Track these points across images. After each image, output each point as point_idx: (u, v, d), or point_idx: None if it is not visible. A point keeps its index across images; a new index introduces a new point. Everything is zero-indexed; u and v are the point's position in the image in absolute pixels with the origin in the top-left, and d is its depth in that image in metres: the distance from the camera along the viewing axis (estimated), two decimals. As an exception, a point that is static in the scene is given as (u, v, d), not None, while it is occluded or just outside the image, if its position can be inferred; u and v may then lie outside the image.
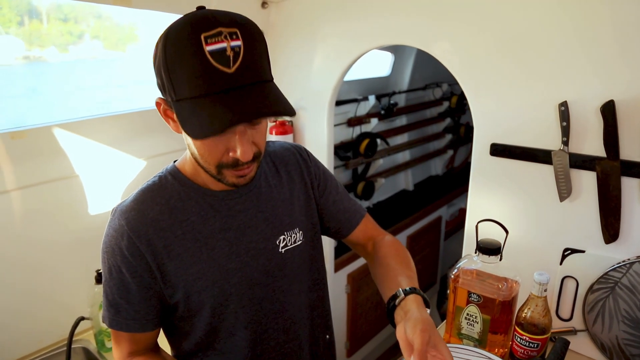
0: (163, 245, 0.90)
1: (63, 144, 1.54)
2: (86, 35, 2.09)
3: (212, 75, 0.73)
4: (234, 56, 0.74)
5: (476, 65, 1.39)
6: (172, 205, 0.92)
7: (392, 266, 1.05)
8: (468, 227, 1.55)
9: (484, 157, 1.44)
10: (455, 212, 3.55)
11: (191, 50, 0.73)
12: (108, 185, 1.68)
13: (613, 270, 1.21)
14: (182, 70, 0.74)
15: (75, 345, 1.56)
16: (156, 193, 0.93)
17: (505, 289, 1.14)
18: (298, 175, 1.09)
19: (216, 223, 0.95)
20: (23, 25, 1.77)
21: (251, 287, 0.98)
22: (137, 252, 0.89)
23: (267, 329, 1.03)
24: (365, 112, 2.87)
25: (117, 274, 0.91)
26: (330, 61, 1.83)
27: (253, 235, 0.98)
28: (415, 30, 1.52)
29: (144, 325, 0.94)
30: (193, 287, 0.93)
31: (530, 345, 1.13)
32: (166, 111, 0.85)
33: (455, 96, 3.57)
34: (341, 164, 2.73)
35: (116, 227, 0.90)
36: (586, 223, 1.28)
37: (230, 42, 0.73)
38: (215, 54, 0.73)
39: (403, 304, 0.91)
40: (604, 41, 1.16)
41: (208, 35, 0.73)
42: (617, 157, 1.18)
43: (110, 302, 0.93)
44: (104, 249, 0.92)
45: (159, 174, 0.98)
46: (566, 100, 1.22)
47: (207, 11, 0.77)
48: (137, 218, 0.90)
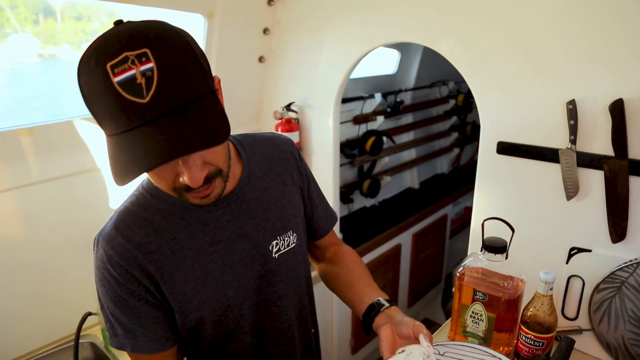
0: (155, 268, 0.86)
1: (72, 140, 1.55)
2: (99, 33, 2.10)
3: (126, 109, 0.65)
4: (147, 82, 0.65)
5: (483, 63, 1.39)
6: (156, 226, 0.87)
7: (361, 274, 1.11)
8: (474, 225, 1.54)
9: (491, 156, 1.43)
10: (461, 211, 3.54)
11: (101, 85, 0.65)
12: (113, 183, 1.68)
13: (620, 270, 1.21)
14: (98, 107, 0.68)
15: (83, 340, 1.58)
16: (137, 215, 0.88)
17: (511, 288, 1.13)
18: (289, 175, 1.06)
19: (205, 237, 0.91)
20: (38, 24, 1.79)
21: (249, 295, 0.97)
22: (133, 279, 0.85)
23: (266, 331, 1.03)
24: (371, 110, 2.86)
25: (120, 302, 0.87)
26: (336, 59, 1.83)
27: (245, 244, 0.95)
28: (422, 27, 1.52)
29: (165, 344, 0.92)
30: (190, 305, 0.90)
31: (535, 343, 1.13)
32: None
33: (462, 94, 3.56)
34: (347, 161, 2.73)
35: (104, 259, 0.85)
36: (593, 222, 1.27)
37: (139, 67, 0.65)
38: (124, 84, 0.64)
39: (387, 311, 0.96)
40: (613, 39, 1.15)
41: (113, 64, 0.65)
42: (625, 156, 1.17)
43: (126, 329, 0.89)
44: (99, 282, 0.88)
45: (135, 192, 0.92)
46: (574, 98, 1.22)
47: (114, 31, 0.68)
48: (123, 245, 0.85)
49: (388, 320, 0.94)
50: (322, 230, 1.18)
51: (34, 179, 1.47)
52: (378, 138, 2.77)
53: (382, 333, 0.92)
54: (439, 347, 1.08)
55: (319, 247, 1.21)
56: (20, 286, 1.48)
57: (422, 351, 0.84)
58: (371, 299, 1.00)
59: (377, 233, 2.60)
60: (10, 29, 1.68)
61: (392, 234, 2.69)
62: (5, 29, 1.66)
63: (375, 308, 0.98)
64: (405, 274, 2.95)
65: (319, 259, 1.23)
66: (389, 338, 0.91)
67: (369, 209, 3.02)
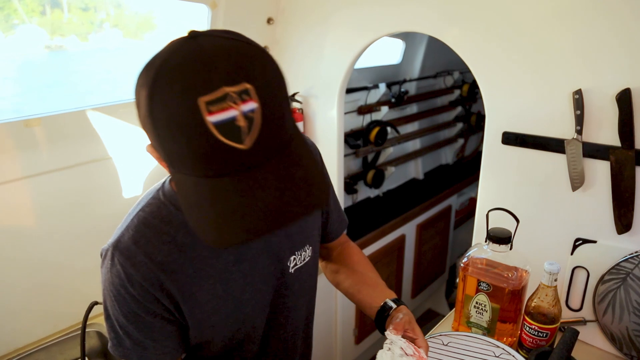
0: (176, 288, 0.81)
1: (74, 130, 1.55)
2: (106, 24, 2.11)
3: (220, 154, 0.55)
4: (248, 125, 0.55)
5: (489, 52, 1.38)
6: (179, 242, 0.80)
7: (368, 276, 1.11)
8: (478, 215, 1.54)
9: (496, 146, 1.42)
10: (465, 202, 3.54)
11: (188, 120, 0.54)
12: (126, 172, 1.69)
13: (625, 261, 1.21)
14: (178, 145, 0.57)
15: (90, 329, 1.59)
16: (159, 229, 0.80)
17: (515, 278, 1.13)
18: None
19: (230, 256, 0.86)
20: (45, 15, 1.79)
21: (263, 310, 0.96)
22: (152, 299, 0.80)
23: (271, 338, 1.03)
24: (375, 100, 2.85)
25: (135, 318, 0.81)
26: (340, 48, 1.81)
27: (266, 261, 0.92)
28: (426, 17, 1.51)
29: (174, 355, 0.88)
30: (207, 322, 0.87)
31: (539, 334, 1.13)
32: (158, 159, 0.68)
33: (467, 84, 3.53)
34: (351, 152, 2.72)
35: (121, 275, 0.78)
36: (598, 213, 1.27)
37: (241, 107, 0.55)
38: (221, 126, 0.54)
39: (394, 314, 0.97)
40: (621, 28, 1.14)
41: (210, 101, 0.54)
42: (632, 146, 1.17)
43: (135, 342, 0.83)
44: (111, 296, 0.81)
45: (153, 201, 0.83)
46: (581, 88, 1.21)
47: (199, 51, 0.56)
48: (146, 264, 0.78)
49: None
50: (334, 234, 1.17)
51: (43, 168, 1.48)
52: (382, 128, 2.77)
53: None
54: (442, 337, 1.08)
55: (327, 248, 1.21)
56: (27, 275, 1.49)
57: (385, 344, 0.88)
58: (379, 302, 1.01)
59: (381, 224, 2.60)
60: (18, 19, 1.68)
61: (396, 224, 2.69)
62: (13, 19, 1.67)
63: (384, 311, 0.99)
64: (409, 265, 2.95)
65: (324, 257, 1.23)
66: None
67: (373, 199, 3.02)
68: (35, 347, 1.52)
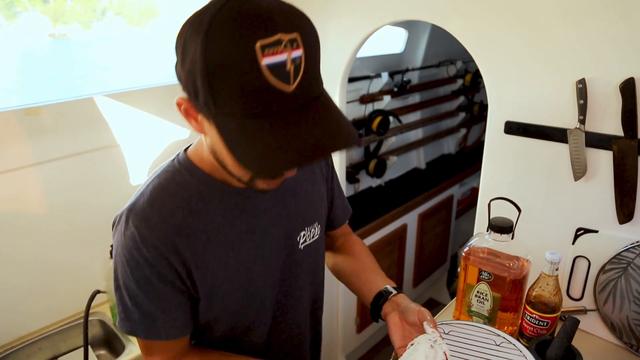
0: (190, 253, 0.81)
1: (76, 119, 1.55)
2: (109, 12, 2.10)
3: (268, 95, 0.61)
4: (295, 70, 0.62)
5: (492, 41, 1.37)
6: (193, 207, 0.82)
7: (368, 264, 1.11)
8: (480, 205, 1.54)
9: (498, 135, 1.42)
10: (467, 191, 3.53)
11: (242, 62, 0.59)
12: (130, 160, 1.69)
13: (626, 251, 1.21)
14: (228, 85, 0.61)
15: (92, 317, 1.60)
16: (174, 193, 0.82)
17: (516, 268, 1.14)
18: (318, 166, 1.05)
19: (242, 224, 0.87)
20: (48, 3, 1.78)
21: (272, 287, 0.96)
22: (165, 262, 0.80)
23: (280, 323, 1.03)
24: (378, 90, 2.84)
25: (146, 285, 0.81)
26: (342, 37, 1.80)
27: (276, 234, 0.93)
28: (430, 5, 1.49)
29: (183, 330, 0.87)
30: (218, 292, 0.87)
31: (540, 323, 1.14)
32: (188, 110, 0.71)
33: (470, 74, 3.51)
34: (353, 141, 2.71)
35: (135, 238, 0.79)
36: (600, 203, 1.27)
37: (291, 53, 0.61)
38: (273, 68, 0.60)
39: (394, 299, 0.96)
40: (625, 17, 1.13)
41: (266, 45, 0.59)
42: (635, 136, 1.16)
43: (145, 313, 0.83)
44: (123, 261, 0.81)
45: (170, 168, 0.86)
46: (584, 77, 1.20)
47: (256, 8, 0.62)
48: (161, 226, 0.79)
49: (395, 307, 0.94)
50: (338, 221, 1.18)
51: (50, 156, 1.49)
52: (384, 118, 2.76)
53: (390, 321, 0.93)
54: (443, 326, 1.09)
55: (330, 237, 1.22)
56: (30, 264, 1.50)
57: (427, 338, 0.84)
58: (378, 287, 1.00)
59: (383, 213, 2.60)
60: (21, 7, 1.67)
61: (398, 214, 2.69)
62: (16, 7, 1.66)
63: (382, 296, 0.98)
64: (410, 254, 2.96)
65: (327, 247, 1.23)
66: (398, 326, 0.91)
67: (375, 189, 3.02)
68: (39, 335, 1.53)
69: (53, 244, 1.54)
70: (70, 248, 1.58)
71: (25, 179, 1.45)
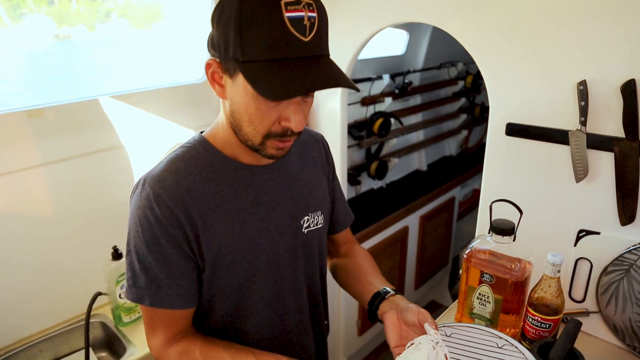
0: (198, 215, 0.88)
1: (81, 120, 1.56)
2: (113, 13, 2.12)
3: (289, 41, 0.74)
4: (310, 26, 0.75)
5: (493, 43, 1.37)
6: (205, 176, 0.91)
7: (368, 268, 1.13)
8: (482, 207, 1.54)
9: (500, 137, 1.42)
10: (469, 193, 3.53)
11: (270, 14, 0.73)
12: (134, 162, 1.69)
13: (628, 253, 1.20)
14: (257, 32, 0.74)
15: (93, 319, 1.60)
16: (188, 162, 0.91)
17: (518, 270, 1.13)
18: (319, 163, 1.11)
19: (249, 197, 0.94)
20: (53, 4, 1.80)
21: (277, 265, 0.98)
22: (175, 221, 0.86)
23: (288, 310, 1.04)
24: (379, 91, 2.84)
25: (155, 246, 0.87)
26: (344, 39, 1.80)
27: (281, 212, 0.98)
28: (431, 7, 1.50)
29: (187, 300, 0.91)
30: (223, 260, 0.91)
31: (542, 325, 1.13)
32: (214, 74, 0.85)
33: (471, 75, 3.51)
34: (354, 143, 2.72)
35: (149, 197, 0.86)
36: (602, 204, 1.26)
37: (307, 12, 0.75)
38: (294, 21, 0.73)
39: (392, 299, 0.97)
40: (625, 19, 1.13)
41: (289, 2, 0.73)
42: (636, 137, 1.16)
43: (151, 277, 0.88)
44: (136, 222, 0.88)
45: (187, 144, 0.95)
46: (585, 79, 1.20)
47: None
48: (173, 186, 0.87)
49: (393, 306, 0.94)
50: (340, 224, 1.21)
51: (51, 158, 1.49)
52: (386, 120, 2.76)
53: (387, 320, 0.93)
54: (445, 328, 1.08)
55: (334, 243, 1.23)
56: (32, 266, 1.50)
57: (429, 339, 0.84)
58: (377, 288, 1.01)
59: (384, 215, 2.60)
60: (26, 9, 1.68)
61: (399, 216, 2.69)
62: (22, 9, 1.67)
63: (380, 295, 0.99)
64: (412, 256, 2.95)
65: (332, 254, 1.25)
66: (395, 325, 0.91)
67: (377, 191, 3.02)
68: (40, 337, 1.53)
69: (54, 246, 1.54)
70: (72, 250, 1.58)
71: (27, 181, 1.45)
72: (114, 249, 1.51)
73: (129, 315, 1.58)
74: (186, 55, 1.70)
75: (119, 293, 1.53)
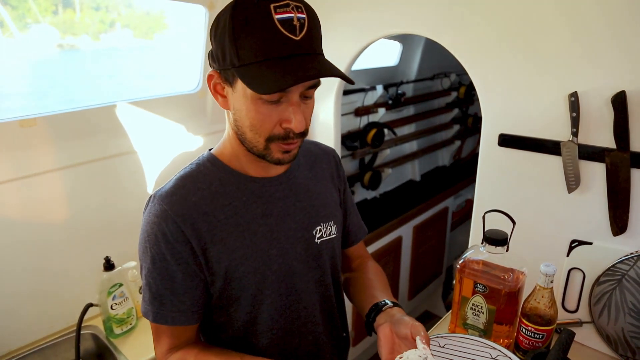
0: (207, 229, 0.89)
1: (73, 130, 1.55)
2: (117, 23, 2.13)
3: (280, 41, 0.76)
4: (300, 26, 0.78)
5: (485, 55, 1.38)
6: (213, 191, 0.92)
7: (375, 281, 1.12)
8: (475, 217, 1.54)
9: (492, 148, 1.43)
10: (462, 203, 3.54)
11: (260, 18, 0.76)
12: (118, 177, 1.69)
13: (620, 263, 1.21)
14: (250, 37, 0.77)
15: (84, 331, 1.58)
16: (196, 178, 0.93)
17: (512, 280, 1.13)
18: (329, 175, 1.11)
19: (257, 209, 0.94)
20: (57, 14, 1.80)
21: (290, 276, 0.98)
22: (182, 237, 0.88)
23: (307, 323, 1.03)
24: (372, 102, 2.85)
25: (160, 262, 0.89)
26: (337, 50, 1.81)
27: (292, 224, 0.98)
28: (424, 19, 1.51)
29: (189, 317, 0.93)
30: (235, 273, 0.92)
31: (535, 336, 1.13)
32: (216, 86, 0.87)
33: (464, 86, 3.54)
34: (348, 153, 2.73)
35: (157, 213, 0.88)
36: (594, 215, 1.27)
37: (296, 14, 0.77)
38: (283, 22, 0.76)
39: (389, 310, 0.97)
40: (616, 31, 1.14)
41: (277, 6, 0.76)
42: (627, 148, 1.17)
43: (154, 294, 0.91)
44: (145, 238, 0.90)
45: (196, 161, 0.97)
46: (576, 90, 1.21)
47: None
48: (180, 202, 0.88)
49: (388, 319, 0.94)
50: (353, 237, 1.21)
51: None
52: (379, 130, 2.77)
53: (380, 332, 0.92)
54: (439, 339, 1.08)
55: (347, 257, 1.23)
56: (22, 277, 1.48)
57: (418, 354, 0.83)
58: (377, 300, 1.01)
59: (378, 225, 2.60)
60: (31, 19, 1.69)
61: (393, 226, 2.69)
62: (27, 19, 1.68)
63: (377, 307, 0.99)
64: (406, 267, 2.95)
65: (344, 269, 1.24)
66: (387, 337, 0.91)
67: (370, 201, 3.02)
68: (30, 349, 1.51)
69: (45, 255, 1.53)
70: (63, 259, 1.57)
71: (11, 193, 1.44)
72: (105, 259, 1.50)
73: (121, 327, 1.56)
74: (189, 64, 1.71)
75: (111, 304, 1.52)
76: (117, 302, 1.52)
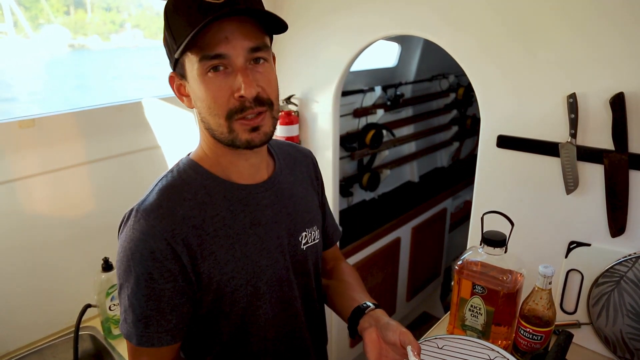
0: (197, 243, 0.84)
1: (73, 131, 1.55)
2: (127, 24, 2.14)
3: (202, 7, 0.77)
4: None
5: (484, 56, 1.38)
6: (200, 201, 0.87)
7: (353, 284, 1.10)
8: (473, 218, 1.54)
9: (491, 149, 1.43)
10: (461, 204, 3.54)
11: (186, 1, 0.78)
12: (115, 180, 1.68)
13: (619, 264, 1.21)
14: (179, 19, 0.79)
15: (83, 332, 1.58)
16: (181, 188, 0.87)
17: (510, 281, 1.14)
18: (308, 178, 1.10)
19: (246, 218, 0.91)
20: (69, 15, 1.82)
21: (280, 285, 0.96)
22: (172, 254, 0.82)
23: (294, 329, 1.02)
24: (371, 103, 2.85)
25: (146, 282, 0.82)
26: (336, 51, 1.82)
27: (280, 231, 0.96)
28: (423, 20, 1.51)
29: (175, 335, 0.87)
30: (227, 287, 0.88)
31: (533, 337, 1.13)
32: (179, 88, 0.87)
33: (462, 88, 3.55)
34: (347, 154, 2.73)
35: (144, 229, 0.81)
36: (592, 216, 1.27)
37: None
38: None
39: (372, 313, 0.95)
40: (614, 32, 1.14)
41: None
42: (625, 150, 1.17)
43: (139, 316, 0.84)
44: (128, 256, 0.82)
45: (176, 168, 0.92)
46: (575, 92, 1.21)
47: None
48: (169, 216, 0.83)
49: (373, 323, 0.91)
50: (329, 240, 1.19)
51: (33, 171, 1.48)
52: (378, 131, 2.77)
53: (366, 337, 0.90)
54: (437, 340, 1.08)
55: (323, 259, 1.20)
56: (21, 278, 1.48)
57: None
58: (358, 303, 0.99)
59: (376, 226, 2.60)
60: (43, 19, 1.70)
61: (391, 227, 2.69)
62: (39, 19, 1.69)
63: (360, 310, 0.96)
64: (404, 268, 2.95)
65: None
66: (374, 343, 0.88)
67: (369, 202, 3.02)
68: (28, 350, 1.50)
69: (43, 256, 1.52)
70: (61, 260, 1.56)
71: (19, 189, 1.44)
72: (104, 260, 1.50)
73: (119, 328, 1.55)
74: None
75: (109, 305, 1.51)
76: (116, 303, 1.52)
